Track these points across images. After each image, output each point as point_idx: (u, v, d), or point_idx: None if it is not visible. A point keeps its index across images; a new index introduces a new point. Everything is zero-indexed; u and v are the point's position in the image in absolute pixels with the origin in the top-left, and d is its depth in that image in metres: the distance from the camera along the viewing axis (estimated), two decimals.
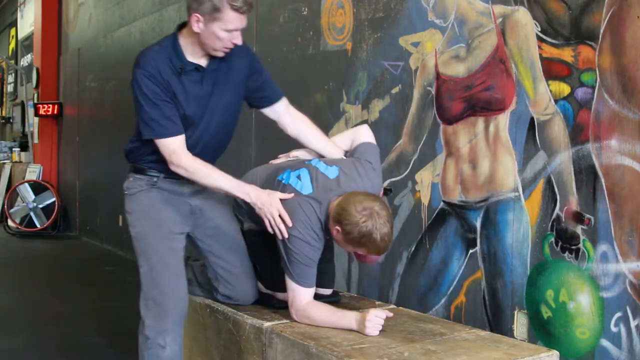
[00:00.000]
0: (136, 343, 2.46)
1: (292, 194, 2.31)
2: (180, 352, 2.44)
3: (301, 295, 2.27)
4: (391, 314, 2.21)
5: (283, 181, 2.38)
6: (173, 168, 2.33)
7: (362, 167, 2.38)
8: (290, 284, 2.28)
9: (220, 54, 2.35)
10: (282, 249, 2.26)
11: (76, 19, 8.94)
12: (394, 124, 3.48)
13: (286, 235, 2.26)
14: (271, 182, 2.42)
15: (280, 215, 2.26)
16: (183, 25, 2.40)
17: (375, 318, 2.15)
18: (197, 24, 2.25)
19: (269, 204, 2.28)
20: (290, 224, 2.25)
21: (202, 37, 2.29)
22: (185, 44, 2.36)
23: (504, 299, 2.89)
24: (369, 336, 2.13)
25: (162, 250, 2.43)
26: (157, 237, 2.43)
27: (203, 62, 2.40)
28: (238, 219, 2.61)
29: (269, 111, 2.62)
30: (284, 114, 2.62)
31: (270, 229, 2.30)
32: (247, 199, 2.33)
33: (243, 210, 2.54)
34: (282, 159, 2.64)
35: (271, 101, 2.60)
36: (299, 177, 2.36)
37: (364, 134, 2.54)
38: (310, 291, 2.29)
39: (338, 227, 2.17)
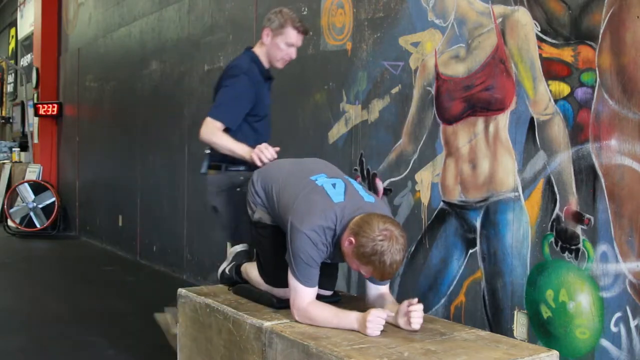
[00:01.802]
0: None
1: None
2: None
3: (303, 295, 2.27)
4: (392, 314, 2.21)
5: (316, 182, 2.38)
6: (204, 134, 2.85)
7: (388, 210, 2.44)
8: (293, 282, 2.28)
9: (280, 65, 3.00)
10: (289, 244, 2.27)
11: (76, 19, 8.94)
12: (394, 124, 3.48)
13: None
14: (301, 178, 2.42)
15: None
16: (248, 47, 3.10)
17: (377, 318, 2.14)
18: (266, 37, 2.96)
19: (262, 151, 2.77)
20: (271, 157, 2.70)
21: (268, 48, 2.97)
22: (260, 55, 3.00)
23: (503, 299, 2.89)
24: (369, 336, 2.13)
25: None
26: None
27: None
28: (249, 208, 2.60)
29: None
30: None
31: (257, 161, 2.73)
32: (247, 157, 2.78)
33: (258, 200, 2.55)
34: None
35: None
36: (334, 185, 2.36)
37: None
38: (313, 291, 2.29)
39: (352, 239, 2.15)
